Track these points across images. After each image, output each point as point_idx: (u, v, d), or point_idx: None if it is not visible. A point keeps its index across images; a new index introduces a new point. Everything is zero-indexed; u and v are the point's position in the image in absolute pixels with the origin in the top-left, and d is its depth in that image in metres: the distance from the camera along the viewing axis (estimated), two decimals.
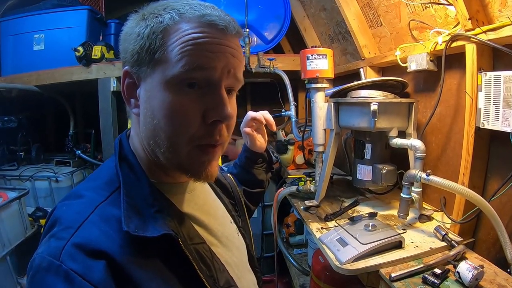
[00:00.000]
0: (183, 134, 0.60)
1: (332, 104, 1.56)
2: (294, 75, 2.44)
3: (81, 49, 2.33)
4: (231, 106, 0.65)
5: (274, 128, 1.19)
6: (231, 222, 0.89)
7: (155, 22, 0.60)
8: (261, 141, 1.18)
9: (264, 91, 3.39)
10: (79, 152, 2.84)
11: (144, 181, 0.65)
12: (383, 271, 1.12)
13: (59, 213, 0.61)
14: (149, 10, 0.63)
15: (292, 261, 2.30)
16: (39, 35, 2.65)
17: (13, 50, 2.72)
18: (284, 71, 2.43)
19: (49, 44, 2.64)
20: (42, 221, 2.42)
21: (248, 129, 1.14)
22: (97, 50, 2.36)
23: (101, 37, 2.59)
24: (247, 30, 2.41)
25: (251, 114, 1.15)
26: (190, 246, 0.64)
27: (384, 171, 1.51)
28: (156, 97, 0.60)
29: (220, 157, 2.48)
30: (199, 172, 0.65)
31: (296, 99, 2.61)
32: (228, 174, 1.05)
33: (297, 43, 3.09)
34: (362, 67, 2.02)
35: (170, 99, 0.59)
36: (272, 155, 1.27)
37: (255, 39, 2.55)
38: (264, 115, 1.16)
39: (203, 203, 0.79)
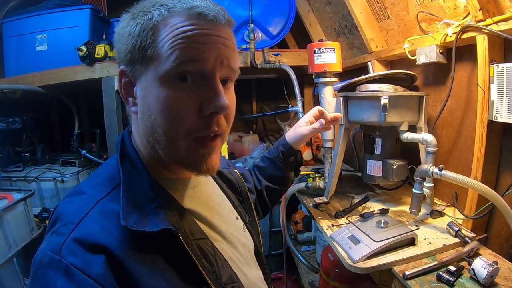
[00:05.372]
0: (180, 128, 0.60)
1: (341, 98, 1.54)
2: (300, 71, 2.42)
3: (84, 48, 2.32)
4: (228, 96, 0.65)
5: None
6: (237, 218, 0.88)
7: (145, 20, 0.60)
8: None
9: (269, 87, 3.36)
10: (85, 151, 2.83)
11: (145, 177, 0.65)
12: (396, 269, 1.10)
13: (61, 209, 0.62)
14: (139, 9, 0.63)
15: (301, 258, 2.28)
16: (42, 35, 2.64)
17: (16, 51, 2.69)
18: (290, 66, 2.40)
19: (52, 44, 2.62)
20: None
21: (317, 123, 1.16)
22: (100, 49, 2.35)
23: (104, 36, 2.56)
24: (252, 25, 2.38)
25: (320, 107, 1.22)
26: (191, 242, 0.64)
27: (395, 166, 1.49)
28: (151, 94, 0.60)
29: (227, 153, 2.48)
30: (199, 165, 0.65)
31: (302, 95, 2.58)
32: (235, 170, 1.03)
33: (302, 38, 3.06)
34: (370, 61, 1.99)
35: (164, 94, 0.59)
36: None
37: (260, 34, 2.52)
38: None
39: (207, 199, 0.79)
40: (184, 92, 0.60)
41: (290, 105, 2.30)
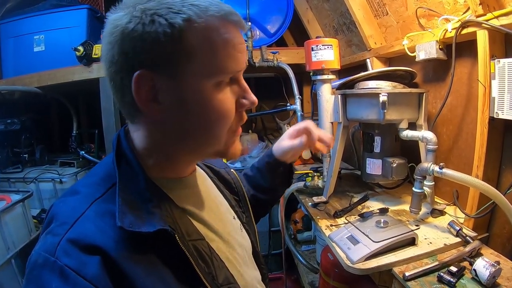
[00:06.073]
0: (227, 126, 0.65)
1: (339, 96, 1.52)
2: (298, 69, 2.40)
3: (81, 48, 2.31)
4: None
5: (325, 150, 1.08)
6: (234, 218, 0.87)
7: (182, 19, 0.55)
8: (296, 155, 1.09)
9: (268, 85, 3.34)
10: (83, 152, 2.83)
11: (141, 177, 0.64)
12: (396, 269, 1.08)
13: (56, 209, 0.61)
14: (163, 5, 0.56)
15: (300, 258, 2.26)
16: (39, 36, 2.64)
17: (14, 52, 2.70)
18: (288, 64, 2.39)
19: (49, 44, 2.62)
20: None
21: (298, 139, 1.02)
22: (97, 49, 2.33)
23: (101, 36, 2.56)
24: (250, 23, 2.37)
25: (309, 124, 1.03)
26: (187, 242, 0.63)
27: (394, 165, 1.47)
28: (194, 98, 0.60)
29: None
30: (233, 151, 0.70)
31: (301, 93, 2.56)
32: (232, 170, 1.01)
33: (300, 36, 3.05)
34: (369, 58, 1.97)
35: (210, 98, 0.61)
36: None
37: (258, 32, 2.51)
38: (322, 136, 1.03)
39: (204, 199, 0.78)
40: (226, 93, 0.63)
41: (288, 104, 2.28)
